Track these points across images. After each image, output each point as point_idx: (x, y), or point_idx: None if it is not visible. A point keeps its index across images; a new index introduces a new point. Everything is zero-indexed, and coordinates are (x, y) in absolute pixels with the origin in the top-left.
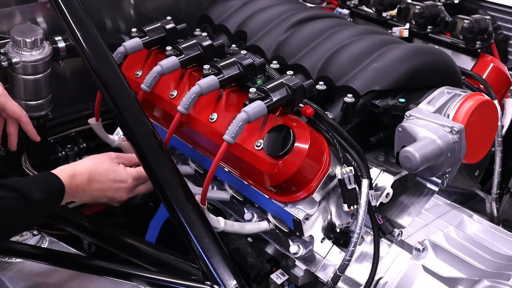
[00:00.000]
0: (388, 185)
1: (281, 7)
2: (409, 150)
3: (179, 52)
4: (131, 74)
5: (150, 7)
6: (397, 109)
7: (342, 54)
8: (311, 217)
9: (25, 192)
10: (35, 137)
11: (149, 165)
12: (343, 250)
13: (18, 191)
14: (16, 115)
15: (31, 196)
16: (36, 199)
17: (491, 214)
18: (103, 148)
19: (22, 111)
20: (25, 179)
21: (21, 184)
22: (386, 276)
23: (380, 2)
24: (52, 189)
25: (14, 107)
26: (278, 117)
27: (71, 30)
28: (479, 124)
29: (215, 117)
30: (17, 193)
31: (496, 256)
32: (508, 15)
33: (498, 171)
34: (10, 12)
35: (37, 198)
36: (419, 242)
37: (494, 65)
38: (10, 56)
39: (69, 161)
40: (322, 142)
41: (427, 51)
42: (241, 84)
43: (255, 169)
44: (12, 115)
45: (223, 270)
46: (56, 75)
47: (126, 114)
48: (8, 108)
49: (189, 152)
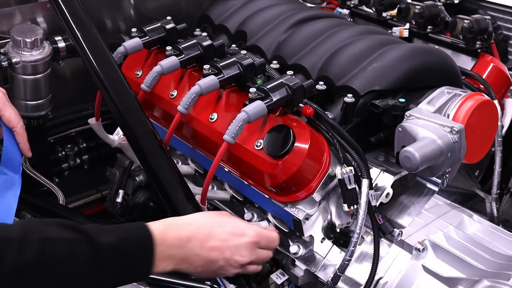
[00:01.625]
0: (388, 185)
1: (281, 7)
2: (409, 150)
3: (179, 52)
4: (131, 74)
5: (150, 7)
6: (397, 109)
7: (342, 54)
8: (311, 217)
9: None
10: (26, 152)
11: (149, 165)
12: (343, 250)
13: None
14: (11, 124)
15: (97, 240)
16: (104, 243)
17: (491, 214)
18: (103, 148)
19: (18, 122)
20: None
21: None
22: (386, 276)
23: (380, 2)
24: (130, 236)
25: (10, 115)
26: (278, 117)
27: (71, 30)
28: (479, 124)
29: (215, 117)
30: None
31: (496, 256)
32: (508, 15)
33: (498, 171)
34: (10, 12)
35: (105, 242)
36: (419, 242)
37: (494, 65)
38: (10, 56)
39: (69, 161)
40: (322, 142)
41: (427, 51)
42: (241, 84)
43: (255, 169)
44: (6, 124)
45: None
46: (56, 75)
47: (126, 114)
48: (3, 116)
49: (189, 152)
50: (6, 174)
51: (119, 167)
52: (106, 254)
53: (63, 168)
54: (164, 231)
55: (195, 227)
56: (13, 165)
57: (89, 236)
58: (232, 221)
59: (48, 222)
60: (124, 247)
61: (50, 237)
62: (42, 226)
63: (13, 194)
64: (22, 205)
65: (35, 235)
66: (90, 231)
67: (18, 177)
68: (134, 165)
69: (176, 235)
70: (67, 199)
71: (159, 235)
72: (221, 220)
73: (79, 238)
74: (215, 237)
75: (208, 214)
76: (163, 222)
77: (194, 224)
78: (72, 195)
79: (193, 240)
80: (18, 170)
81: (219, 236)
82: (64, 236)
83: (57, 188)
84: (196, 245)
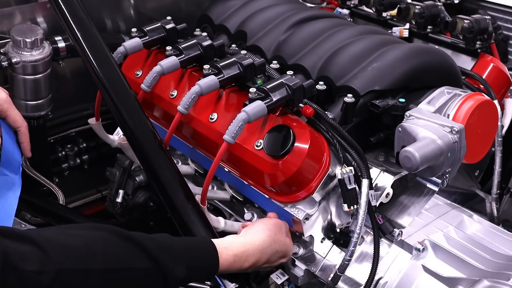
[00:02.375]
0: (388, 185)
1: (281, 7)
2: (409, 150)
3: (179, 52)
4: (131, 74)
5: (150, 7)
6: (397, 109)
7: (342, 54)
8: (311, 217)
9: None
10: (27, 152)
11: (149, 165)
12: (343, 250)
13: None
14: (17, 124)
15: (169, 273)
16: (175, 276)
17: (491, 214)
18: (103, 148)
19: (23, 122)
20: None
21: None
22: (386, 276)
23: (380, 2)
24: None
25: (16, 116)
26: (278, 117)
27: (71, 30)
28: (479, 124)
29: (215, 117)
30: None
31: (496, 256)
32: (508, 15)
33: (498, 171)
34: (10, 12)
35: (176, 276)
36: (419, 242)
37: (494, 65)
38: (10, 56)
39: (69, 161)
40: (322, 142)
41: (427, 51)
42: (241, 84)
43: (255, 169)
44: (12, 124)
45: None
46: (56, 75)
47: (126, 114)
48: (9, 116)
49: (189, 152)
50: (6, 175)
51: (119, 167)
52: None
53: (63, 168)
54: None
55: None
56: (13, 166)
57: (162, 268)
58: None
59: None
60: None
61: (126, 267)
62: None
63: (13, 194)
64: (22, 205)
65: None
66: (163, 258)
67: (18, 177)
68: (134, 165)
69: (239, 267)
70: (67, 199)
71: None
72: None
73: (152, 267)
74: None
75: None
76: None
77: (258, 254)
78: (72, 195)
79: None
80: (18, 171)
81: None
82: (139, 266)
83: (57, 188)
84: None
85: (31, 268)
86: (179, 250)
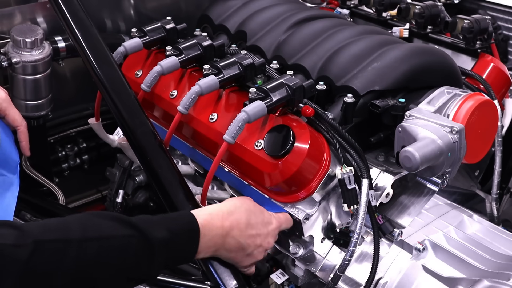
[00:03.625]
0: (388, 185)
1: (281, 7)
2: (409, 150)
3: (179, 52)
4: (131, 74)
5: (150, 7)
6: (397, 109)
7: (342, 54)
8: (311, 217)
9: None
10: (26, 151)
11: (149, 165)
12: (343, 250)
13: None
14: (16, 123)
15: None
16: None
17: (491, 214)
18: (103, 148)
19: (22, 121)
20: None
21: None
22: (386, 276)
23: (380, 2)
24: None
25: (15, 114)
26: (278, 117)
27: (71, 30)
28: (479, 124)
29: (215, 117)
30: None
31: (496, 256)
32: (508, 15)
33: (498, 171)
34: (10, 12)
35: (156, 237)
36: (419, 242)
37: (494, 65)
38: (10, 56)
39: (69, 161)
40: (322, 142)
41: (427, 51)
42: (241, 84)
43: (255, 169)
44: (11, 123)
45: (223, 270)
46: (56, 75)
47: (126, 114)
48: (9, 115)
49: (189, 152)
50: (4, 175)
51: (119, 167)
52: (157, 248)
53: (63, 168)
54: (210, 221)
55: (237, 217)
56: (10, 166)
57: (142, 232)
58: (260, 209)
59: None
60: (174, 241)
61: (107, 235)
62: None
63: (11, 194)
64: (22, 205)
65: (94, 233)
66: (144, 226)
67: (15, 177)
68: (134, 165)
69: (220, 225)
70: (67, 199)
71: (205, 226)
72: (254, 208)
73: (133, 234)
74: (253, 226)
75: (244, 201)
76: (207, 212)
77: (236, 214)
78: (72, 195)
79: (235, 229)
80: (16, 171)
81: (255, 225)
82: (120, 233)
83: (57, 188)
84: (237, 233)
85: (8, 242)
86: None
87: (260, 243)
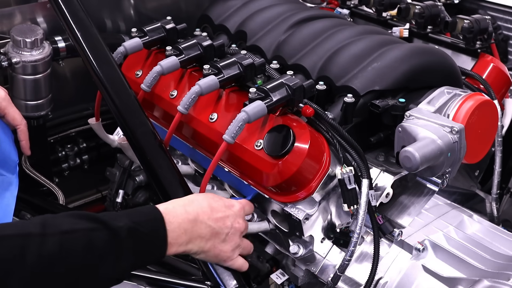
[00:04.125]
0: (388, 185)
1: (281, 7)
2: (409, 150)
3: (179, 52)
4: (131, 74)
5: (150, 7)
6: (397, 109)
7: (342, 54)
8: (311, 217)
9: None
10: (26, 150)
11: (149, 165)
12: (343, 250)
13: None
14: (16, 122)
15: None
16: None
17: (491, 214)
18: (103, 148)
19: (22, 120)
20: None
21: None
22: (386, 276)
23: (380, 2)
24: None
25: (15, 113)
26: (278, 117)
27: (71, 30)
28: (479, 124)
29: (215, 117)
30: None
31: (496, 256)
32: (508, 15)
33: (498, 171)
34: (10, 12)
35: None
36: (419, 242)
37: (494, 65)
38: (10, 56)
39: (69, 161)
40: (322, 142)
41: (427, 51)
42: (241, 84)
43: (255, 169)
44: (11, 122)
45: (223, 270)
46: (56, 75)
47: (126, 114)
48: (8, 114)
49: (189, 152)
50: (3, 174)
51: (119, 167)
52: (122, 237)
53: (63, 168)
54: (172, 209)
55: (198, 203)
56: (9, 166)
57: (105, 223)
58: (218, 196)
59: (65, 215)
60: (139, 229)
61: (68, 229)
62: (59, 219)
63: (10, 194)
64: (22, 205)
65: (54, 229)
66: (105, 218)
67: (14, 177)
68: (134, 165)
69: (184, 211)
70: (67, 199)
71: (168, 213)
72: (212, 195)
73: (96, 227)
74: (217, 209)
75: (201, 194)
76: (169, 203)
77: (196, 201)
78: (72, 195)
79: (200, 214)
80: (15, 171)
81: (219, 208)
82: (82, 227)
83: (57, 188)
84: (204, 218)
85: None
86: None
87: (231, 224)
